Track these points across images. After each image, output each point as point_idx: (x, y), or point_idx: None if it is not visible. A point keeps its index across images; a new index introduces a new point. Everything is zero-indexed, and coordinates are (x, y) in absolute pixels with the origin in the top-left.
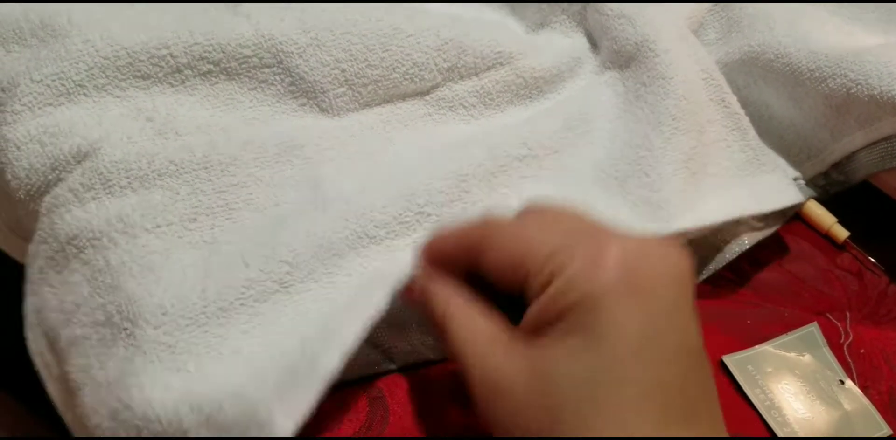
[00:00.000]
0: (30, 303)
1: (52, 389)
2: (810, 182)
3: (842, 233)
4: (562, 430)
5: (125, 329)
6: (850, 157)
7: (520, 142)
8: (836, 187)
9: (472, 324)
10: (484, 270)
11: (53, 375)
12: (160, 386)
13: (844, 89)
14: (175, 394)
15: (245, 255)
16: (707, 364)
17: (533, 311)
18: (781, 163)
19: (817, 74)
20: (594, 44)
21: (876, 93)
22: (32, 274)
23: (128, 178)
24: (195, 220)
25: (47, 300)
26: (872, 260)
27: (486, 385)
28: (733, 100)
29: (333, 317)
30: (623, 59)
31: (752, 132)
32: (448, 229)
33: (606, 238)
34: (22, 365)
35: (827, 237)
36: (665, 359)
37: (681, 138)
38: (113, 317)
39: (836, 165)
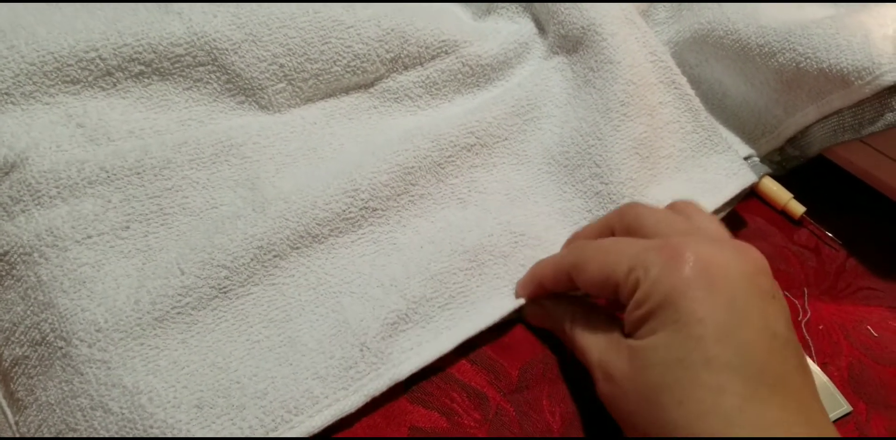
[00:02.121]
0: None
1: (5, 409)
2: (766, 158)
3: (798, 208)
4: (660, 409)
5: (60, 348)
6: (804, 132)
7: (467, 131)
8: (792, 162)
9: (591, 331)
10: (583, 288)
11: (3, 394)
12: (100, 408)
13: (794, 64)
14: (114, 417)
15: (180, 262)
16: (795, 347)
17: (628, 316)
18: (735, 141)
19: (766, 49)
20: (541, 28)
21: (825, 66)
22: None
23: (57, 187)
24: (128, 228)
25: None
26: (830, 235)
27: (605, 378)
28: (683, 80)
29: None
30: (570, 43)
31: (703, 113)
32: (541, 265)
33: (678, 244)
34: None
35: (783, 213)
36: (746, 341)
37: (629, 124)
38: (47, 336)
39: (791, 140)
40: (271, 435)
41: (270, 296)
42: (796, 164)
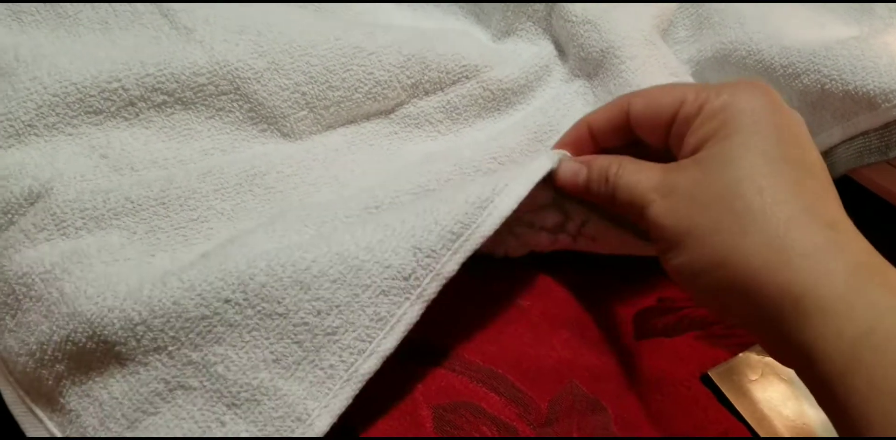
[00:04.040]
0: None
1: (25, 425)
2: None
3: None
4: (737, 198)
5: (108, 350)
6: (828, 153)
7: (489, 157)
8: None
9: (641, 169)
10: (634, 124)
11: (42, 418)
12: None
13: (819, 85)
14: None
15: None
16: (831, 184)
17: (693, 134)
18: None
19: (790, 71)
20: (561, 50)
21: (851, 88)
22: None
23: (83, 218)
24: (154, 256)
25: (11, 347)
26: None
27: (666, 195)
28: None
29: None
30: (590, 66)
31: None
32: (593, 113)
33: (748, 82)
34: None
35: None
36: (814, 157)
37: None
38: (86, 345)
39: None
40: (354, 367)
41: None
42: None
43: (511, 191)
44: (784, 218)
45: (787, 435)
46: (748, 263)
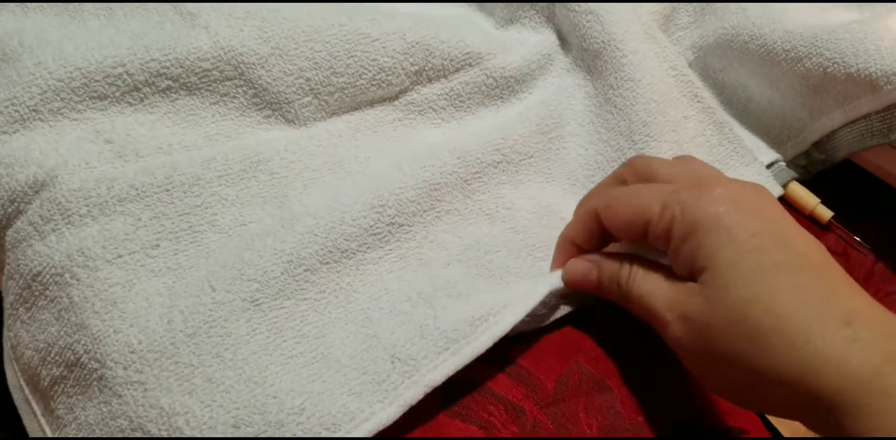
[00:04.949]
0: (6, 338)
1: (30, 426)
2: (791, 162)
3: (826, 213)
4: (750, 324)
5: (95, 369)
6: (830, 136)
7: (493, 148)
8: (817, 167)
9: (654, 279)
10: (613, 230)
11: (35, 411)
12: (139, 430)
13: (821, 68)
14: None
15: (211, 279)
16: (831, 264)
17: (675, 256)
18: (760, 146)
19: (793, 54)
20: (564, 39)
21: (853, 71)
22: (6, 307)
23: (87, 206)
24: (158, 246)
25: (21, 337)
26: (858, 239)
27: (681, 319)
28: (706, 94)
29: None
30: (591, 57)
31: (728, 126)
32: (568, 226)
33: (707, 181)
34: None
35: (811, 218)
36: (800, 246)
37: (654, 144)
38: (82, 358)
39: (817, 145)
40: None
41: (302, 312)
42: (822, 169)
43: (507, 315)
44: (796, 332)
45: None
46: (778, 380)
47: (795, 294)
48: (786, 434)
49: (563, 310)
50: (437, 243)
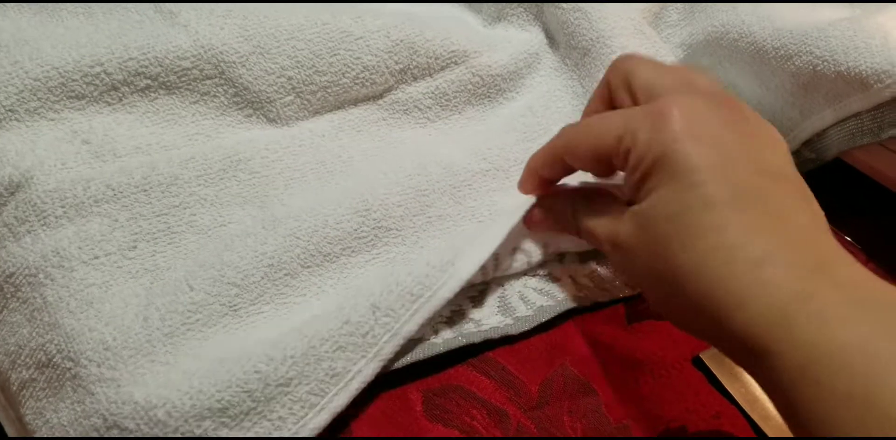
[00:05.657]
0: None
1: (10, 430)
2: None
3: None
4: (668, 259)
5: (68, 369)
6: (820, 135)
7: (480, 157)
8: (808, 165)
9: (595, 213)
10: (579, 168)
11: (10, 417)
12: (115, 427)
13: (811, 67)
14: (132, 435)
15: (189, 279)
16: (795, 183)
17: (627, 183)
18: None
19: (782, 52)
20: (551, 37)
21: (843, 69)
22: None
23: (63, 207)
24: (135, 247)
25: None
26: (848, 238)
27: (614, 247)
28: None
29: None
30: (579, 54)
31: None
32: (534, 155)
33: (662, 105)
34: None
35: None
36: (740, 180)
37: None
38: (54, 358)
39: (807, 143)
40: (303, 421)
41: (282, 315)
42: (813, 168)
43: (471, 255)
44: (711, 277)
45: (778, 417)
46: (696, 319)
47: (715, 234)
48: (771, 435)
49: (548, 313)
50: (427, 249)
